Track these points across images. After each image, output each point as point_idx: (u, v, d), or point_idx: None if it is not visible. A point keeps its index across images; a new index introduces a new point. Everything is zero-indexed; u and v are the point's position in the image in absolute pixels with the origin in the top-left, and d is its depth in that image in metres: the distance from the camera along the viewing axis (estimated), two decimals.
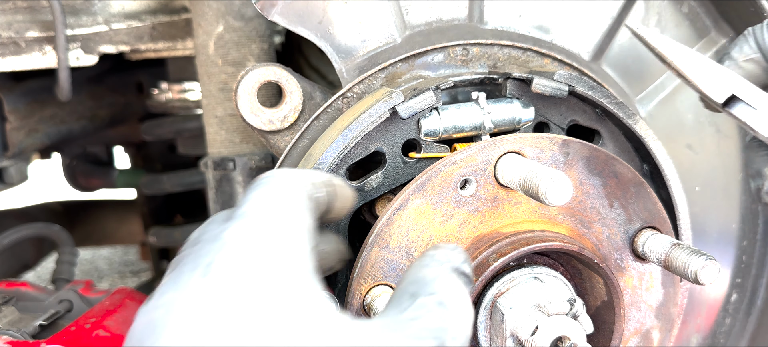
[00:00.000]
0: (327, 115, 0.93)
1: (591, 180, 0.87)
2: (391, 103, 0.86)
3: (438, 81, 0.89)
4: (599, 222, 0.88)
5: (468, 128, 0.88)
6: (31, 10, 1.33)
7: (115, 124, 1.94)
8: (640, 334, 0.93)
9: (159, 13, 1.39)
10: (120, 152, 2.47)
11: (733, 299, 1.15)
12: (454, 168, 0.82)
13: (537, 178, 0.75)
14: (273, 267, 0.55)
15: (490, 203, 0.84)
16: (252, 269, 0.55)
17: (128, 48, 1.37)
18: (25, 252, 1.97)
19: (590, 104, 0.93)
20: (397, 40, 0.98)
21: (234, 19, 1.19)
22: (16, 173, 1.59)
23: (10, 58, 1.33)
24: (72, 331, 1.10)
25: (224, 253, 0.56)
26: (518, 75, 0.90)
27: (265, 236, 0.58)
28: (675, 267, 0.84)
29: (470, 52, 0.96)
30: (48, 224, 1.71)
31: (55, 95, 1.39)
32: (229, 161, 1.23)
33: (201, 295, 0.53)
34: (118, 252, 3.37)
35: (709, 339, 1.15)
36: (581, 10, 1.02)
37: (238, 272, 0.54)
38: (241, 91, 0.97)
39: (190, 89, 1.56)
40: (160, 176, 1.82)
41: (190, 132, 1.64)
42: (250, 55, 1.21)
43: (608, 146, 0.97)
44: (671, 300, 0.94)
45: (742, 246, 1.13)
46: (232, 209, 0.63)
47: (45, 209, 2.24)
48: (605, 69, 1.04)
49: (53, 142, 1.72)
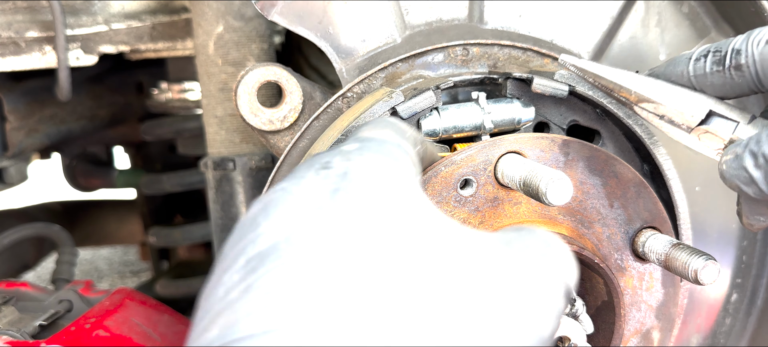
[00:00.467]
0: (327, 115, 0.93)
1: (591, 180, 0.87)
2: (391, 103, 0.86)
3: (438, 81, 0.89)
4: (599, 222, 0.88)
5: (468, 128, 0.88)
6: (31, 10, 1.33)
7: (115, 124, 1.94)
8: (641, 334, 0.93)
9: (159, 13, 1.39)
10: (120, 152, 2.47)
11: (733, 299, 1.15)
12: (454, 168, 0.82)
13: (537, 178, 0.75)
14: (397, 179, 0.54)
15: (490, 203, 0.84)
16: (373, 171, 0.52)
17: (128, 48, 1.37)
18: (24, 252, 1.97)
19: (590, 103, 0.93)
20: (397, 40, 0.98)
21: (234, 19, 1.19)
22: (15, 173, 1.59)
23: (10, 58, 1.33)
24: (72, 331, 1.10)
25: (340, 159, 0.53)
26: (518, 75, 0.90)
27: (383, 159, 0.56)
28: (675, 268, 0.84)
29: (470, 52, 0.96)
30: (48, 224, 1.71)
31: (55, 95, 1.38)
32: (229, 161, 1.23)
33: (320, 184, 0.49)
34: (117, 252, 3.37)
35: (710, 340, 1.15)
36: (581, 10, 1.02)
37: (359, 171, 0.52)
38: (241, 91, 0.96)
39: (190, 88, 1.56)
40: (160, 176, 1.82)
41: (190, 132, 1.64)
42: (250, 55, 1.21)
43: (608, 146, 0.97)
44: (671, 300, 0.94)
45: (743, 246, 1.13)
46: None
47: (45, 209, 2.23)
48: None
49: (53, 142, 1.72)
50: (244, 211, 1.25)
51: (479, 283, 0.48)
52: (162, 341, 1.17)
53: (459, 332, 0.44)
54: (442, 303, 0.45)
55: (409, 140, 0.64)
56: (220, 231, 1.26)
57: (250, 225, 0.49)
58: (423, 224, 0.51)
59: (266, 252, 0.46)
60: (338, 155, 0.55)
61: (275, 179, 0.94)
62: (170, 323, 1.25)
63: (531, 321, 0.49)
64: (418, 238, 0.49)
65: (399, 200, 0.51)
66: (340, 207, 0.49)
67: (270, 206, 0.49)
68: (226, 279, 0.46)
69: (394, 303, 0.44)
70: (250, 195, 1.24)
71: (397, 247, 0.47)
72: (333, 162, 0.53)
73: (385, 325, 0.42)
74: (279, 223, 0.48)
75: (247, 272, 0.45)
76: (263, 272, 0.44)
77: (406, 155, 0.60)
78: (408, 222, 0.50)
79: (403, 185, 0.54)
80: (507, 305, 0.48)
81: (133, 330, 1.15)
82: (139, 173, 2.21)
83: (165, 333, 1.20)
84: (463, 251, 0.50)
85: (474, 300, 0.47)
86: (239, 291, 0.44)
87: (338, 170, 0.52)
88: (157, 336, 1.18)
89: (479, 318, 0.46)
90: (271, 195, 0.51)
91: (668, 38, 1.04)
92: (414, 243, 0.48)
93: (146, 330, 1.17)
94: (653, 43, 1.04)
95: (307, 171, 0.53)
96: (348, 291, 0.43)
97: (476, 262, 0.49)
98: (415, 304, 0.44)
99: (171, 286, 1.82)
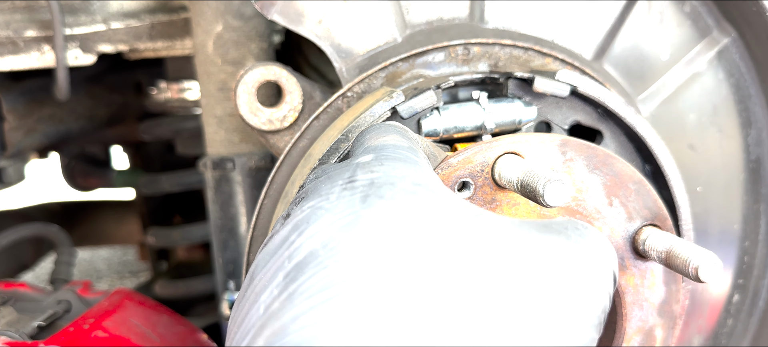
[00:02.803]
0: (327, 114, 0.93)
1: (590, 179, 0.87)
2: (391, 102, 0.85)
3: (439, 81, 0.89)
4: (599, 221, 0.88)
5: (469, 128, 0.88)
6: (30, 10, 1.33)
7: (114, 123, 1.93)
8: (643, 332, 0.93)
9: (157, 12, 1.38)
10: (118, 151, 2.46)
11: (735, 300, 1.15)
12: (451, 170, 0.81)
13: (535, 179, 0.74)
14: (423, 179, 0.53)
15: (488, 205, 0.83)
16: (399, 175, 0.52)
17: (127, 47, 1.37)
18: (23, 253, 1.96)
19: (592, 104, 0.93)
20: (397, 39, 0.98)
21: (233, 18, 1.18)
22: (13, 173, 1.59)
23: (9, 58, 1.32)
24: (70, 332, 1.09)
25: (363, 171, 0.53)
26: (520, 75, 0.90)
27: (402, 164, 0.56)
28: (676, 265, 0.83)
29: (471, 51, 0.95)
30: (46, 225, 1.70)
31: (54, 94, 1.38)
32: (228, 161, 1.22)
33: (349, 197, 0.49)
34: (116, 253, 3.37)
35: (711, 340, 1.15)
36: (583, 10, 1.02)
37: (385, 178, 0.51)
38: (240, 90, 0.96)
39: (189, 88, 1.56)
40: (159, 176, 1.81)
41: (189, 132, 1.64)
42: (249, 55, 1.20)
43: (610, 146, 0.96)
44: (673, 297, 0.93)
45: (744, 247, 1.13)
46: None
47: (43, 210, 2.23)
48: (607, 69, 1.04)
49: (51, 141, 1.71)
50: (243, 211, 1.25)
51: (533, 272, 0.48)
52: (161, 341, 1.17)
53: (519, 325, 0.44)
54: (495, 293, 0.45)
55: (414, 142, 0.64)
56: (219, 232, 1.26)
57: (283, 244, 0.48)
58: (459, 217, 0.50)
59: (304, 261, 0.45)
60: (359, 168, 0.54)
61: (275, 179, 0.94)
62: (169, 323, 1.25)
63: (589, 303, 0.50)
64: (458, 231, 0.48)
65: (431, 198, 0.51)
66: (375, 210, 0.48)
67: (301, 224, 0.49)
68: (263, 297, 0.45)
69: (448, 297, 0.43)
70: (250, 195, 1.24)
71: (439, 241, 0.47)
72: (356, 175, 0.53)
73: (439, 318, 0.41)
74: (314, 234, 0.47)
75: (287, 283, 0.44)
76: (304, 279, 0.43)
77: (420, 156, 0.59)
78: (444, 217, 0.49)
79: (429, 184, 0.53)
80: (566, 291, 0.49)
81: (132, 330, 1.15)
82: (137, 173, 2.20)
83: (164, 333, 1.20)
84: (506, 242, 0.50)
85: (529, 291, 0.47)
86: (281, 302, 0.43)
87: (364, 181, 0.52)
88: (156, 337, 1.17)
89: (536, 310, 0.46)
90: (300, 215, 0.50)
91: (670, 38, 1.04)
92: (454, 237, 0.48)
93: (145, 330, 1.17)
94: (655, 43, 1.04)
95: (331, 188, 0.52)
96: (393, 287, 0.42)
97: (524, 252, 0.49)
98: (469, 297, 0.43)
99: (170, 287, 1.82)
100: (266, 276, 0.47)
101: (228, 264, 1.26)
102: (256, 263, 0.50)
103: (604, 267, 0.55)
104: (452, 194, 0.55)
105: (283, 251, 0.47)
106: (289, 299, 0.42)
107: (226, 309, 1.27)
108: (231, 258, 1.26)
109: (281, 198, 0.93)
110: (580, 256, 0.53)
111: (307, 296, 0.42)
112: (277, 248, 0.48)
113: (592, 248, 0.55)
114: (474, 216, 0.51)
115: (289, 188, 0.90)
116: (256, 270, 0.49)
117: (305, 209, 0.51)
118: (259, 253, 0.51)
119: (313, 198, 0.52)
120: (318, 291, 0.42)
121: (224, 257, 1.26)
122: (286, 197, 0.90)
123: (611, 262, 0.56)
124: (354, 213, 0.48)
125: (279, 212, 0.90)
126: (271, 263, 0.47)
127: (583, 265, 0.52)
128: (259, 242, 0.95)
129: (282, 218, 0.54)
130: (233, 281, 1.26)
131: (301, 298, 0.42)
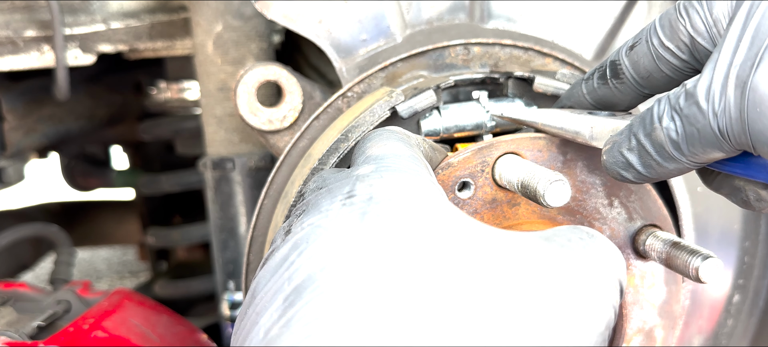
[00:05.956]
0: (327, 114, 0.93)
1: (590, 179, 0.87)
2: (391, 102, 0.85)
3: (439, 80, 0.89)
4: (600, 221, 0.88)
5: (469, 128, 0.88)
6: (29, 10, 1.33)
7: (114, 123, 1.93)
8: (644, 333, 0.93)
9: (157, 12, 1.38)
10: (118, 151, 2.46)
11: (735, 300, 1.15)
12: (451, 170, 0.81)
13: (535, 179, 0.74)
14: (423, 193, 0.53)
15: (488, 206, 0.83)
16: (398, 191, 0.52)
17: (126, 47, 1.37)
18: (22, 253, 1.96)
19: None
20: (397, 39, 0.98)
21: (233, 18, 1.18)
22: (13, 173, 1.59)
23: (8, 58, 1.32)
24: (70, 332, 1.09)
25: (363, 186, 0.53)
26: (520, 74, 0.89)
27: (403, 176, 0.56)
28: (676, 266, 0.83)
29: (471, 51, 0.95)
30: (46, 225, 1.70)
31: (53, 94, 1.38)
32: (228, 161, 1.22)
33: (348, 214, 0.49)
34: (116, 253, 3.37)
35: (712, 341, 1.15)
36: (583, 10, 1.02)
37: (385, 193, 0.51)
38: (240, 90, 0.96)
39: (189, 88, 1.56)
40: (159, 176, 1.81)
41: (189, 132, 1.64)
42: (249, 55, 1.20)
43: None
44: (674, 297, 0.93)
45: (745, 247, 1.13)
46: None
47: (43, 210, 2.23)
48: None
49: (51, 141, 1.71)
50: (243, 212, 1.25)
51: (533, 286, 0.48)
52: (160, 342, 1.17)
53: (521, 338, 0.44)
54: (497, 310, 0.45)
55: (415, 146, 0.64)
56: (219, 232, 1.26)
57: (283, 263, 0.48)
58: (460, 233, 0.50)
59: (302, 285, 0.45)
60: (358, 181, 0.54)
61: (275, 179, 0.94)
62: (169, 324, 1.25)
63: (590, 317, 0.49)
64: (458, 248, 0.48)
65: (431, 214, 0.51)
66: (372, 229, 0.48)
67: (301, 243, 0.49)
68: (263, 320, 0.46)
69: (447, 315, 0.43)
70: (249, 195, 1.24)
71: (439, 260, 0.47)
72: (355, 190, 0.53)
73: (441, 339, 0.41)
74: (312, 256, 0.47)
75: (286, 307, 0.44)
76: (302, 304, 0.44)
77: (421, 165, 0.59)
78: (445, 234, 0.49)
79: (430, 198, 0.53)
80: (564, 304, 0.48)
81: (132, 330, 1.15)
82: (137, 173, 2.20)
83: (163, 333, 1.20)
84: (508, 256, 0.49)
85: (531, 304, 0.46)
86: (279, 327, 0.43)
87: (363, 197, 0.52)
88: (156, 337, 1.17)
89: (538, 321, 0.45)
90: (300, 233, 0.50)
91: None
92: (455, 254, 0.48)
93: (145, 330, 1.17)
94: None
95: (331, 204, 0.52)
96: (391, 310, 0.42)
97: (525, 265, 0.49)
98: (472, 315, 0.44)
99: (170, 287, 1.82)
100: (266, 296, 0.48)
101: (228, 264, 1.26)
102: (257, 281, 0.50)
103: (609, 279, 0.53)
104: (453, 209, 0.54)
105: (283, 271, 0.48)
106: (287, 325, 0.43)
107: (226, 309, 1.27)
108: (231, 258, 1.26)
109: (281, 198, 0.93)
110: (582, 269, 0.52)
111: (304, 323, 0.42)
112: (278, 267, 0.49)
113: (595, 259, 0.54)
114: (475, 234, 0.51)
115: (289, 188, 0.90)
116: (257, 288, 0.49)
117: (305, 226, 0.51)
118: (260, 270, 0.51)
119: (313, 214, 0.52)
120: (314, 319, 0.42)
121: (224, 258, 1.26)
122: (286, 197, 0.90)
123: (617, 272, 0.55)
124: (352, 234, 0.48)
125: (279, 212, 0.90)
126: (271, 283, 0.48)
127: (584, 278, 0.51)
128: (259, 242, 0.95)
129: (283, 231, 0.54)
130: (233, 281, 1.26)
131: (298, 325, 0.43)
